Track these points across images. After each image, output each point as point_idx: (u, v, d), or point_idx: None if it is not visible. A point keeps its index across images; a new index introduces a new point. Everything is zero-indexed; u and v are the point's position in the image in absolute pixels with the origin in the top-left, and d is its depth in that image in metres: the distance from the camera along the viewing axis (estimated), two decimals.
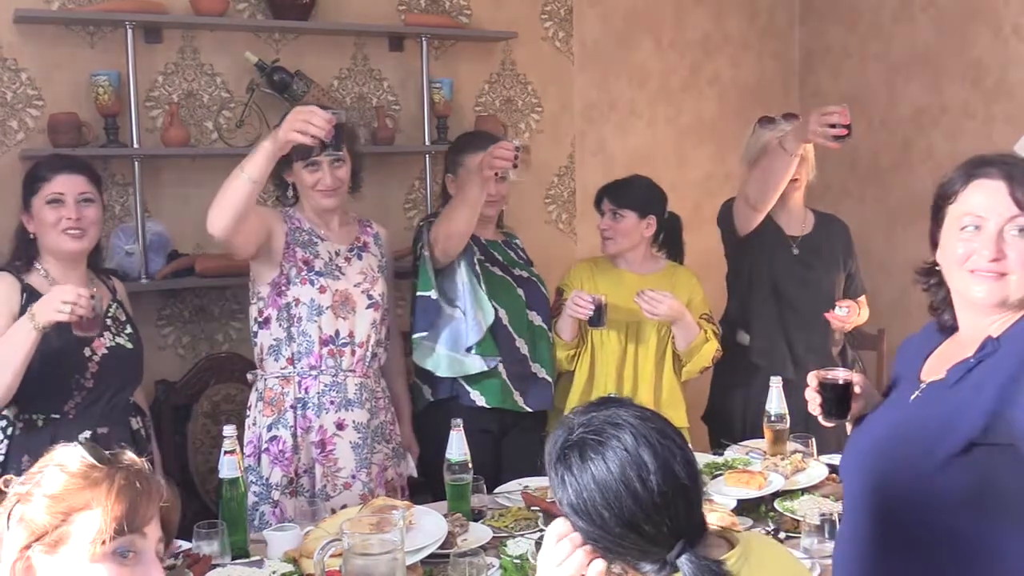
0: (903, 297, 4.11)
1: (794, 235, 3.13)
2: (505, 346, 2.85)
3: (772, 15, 4.69)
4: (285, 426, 2.59)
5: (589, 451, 1.34)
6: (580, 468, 1.33)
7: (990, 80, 3.91)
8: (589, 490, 1.32)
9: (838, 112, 2.65)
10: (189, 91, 3.44)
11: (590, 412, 1.39)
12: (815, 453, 2.66)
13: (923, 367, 1.73)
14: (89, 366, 2.40)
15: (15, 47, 3.19)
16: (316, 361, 2.60)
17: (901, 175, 4.26)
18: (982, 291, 1.60)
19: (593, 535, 1.34)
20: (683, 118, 4.50)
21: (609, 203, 3.02)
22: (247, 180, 2.36)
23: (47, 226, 2.41)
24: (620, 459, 1.32)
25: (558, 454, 1.37)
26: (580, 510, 1.33)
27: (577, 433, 1.37)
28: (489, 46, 4.00)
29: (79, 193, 2.44)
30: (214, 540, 2.11)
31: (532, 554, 2.09)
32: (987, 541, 1.58)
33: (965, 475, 1.56)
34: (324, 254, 2.65)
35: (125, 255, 3.25)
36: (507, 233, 3.12)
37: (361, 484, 2.62)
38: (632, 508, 1.31)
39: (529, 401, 2.90)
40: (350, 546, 1.76)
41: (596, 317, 2.81)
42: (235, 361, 3.38)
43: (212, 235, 2.47)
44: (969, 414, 1.55)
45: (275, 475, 2.58)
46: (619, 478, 1.31)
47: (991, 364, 1.58)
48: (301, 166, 2.62)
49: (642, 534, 1.31)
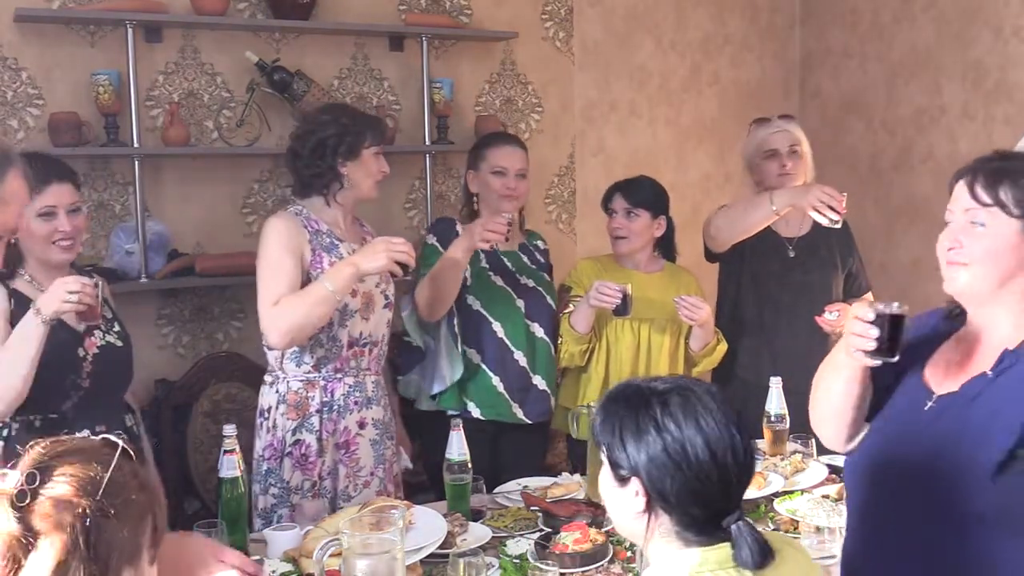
0: (903, 297, 4.09)
1: (790, 236, 3.12)
2: (502, 360, 2.87)
3: (772, 16, 4.69)
4: (310, 430, 2.57)
5: (695, 404, 1.39)
6: (684, 419, 1.38)
7: (990, 81, 3.91)
8: (691, 440, 1.37)
9: (839, 199, 2.77)
10: (189, 90, 3.44)
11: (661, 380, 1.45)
12: (815, 453, 2.66)
13: (927, 368, 1.70)
14: (84, 366, 2.39)
15: (15, 46, 3.19)
16: (342, 364, 2.60)
17: (901, 175, 4.27)
18: (947, 279, 1.65)
19: (668, 482, 1.37)
20: (683, 118, 4.50)
21: (624, 202, 3.02)
22: (335, 297, 2.43)
23: (38, 238, 2.36)
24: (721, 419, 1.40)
25: (658, 400, 1.40)
26: (675, 456, 1.36)
27: (669, 390, 1.42)
28: (489, 46, 4.00)
29: (69, 204, 2.40)
30: (214, 540, 2.11)
31: (532, 554, 2.09)
32: (1011, 560, 1.55)
33: (989, 495, 1.53)
34: (346, 256, 2.59)
35: (125, 254, 3.25)
36: (529, 234, 3.13)
37: (379, 481, 2.65)
38: (723, 467, 1.37)
39: (528, 412, 2.90)
40: (350, 546, 1.76)
41: (623, 306, 2.80)
42: (235, 361, 3.38)
43: (275, 347, 2.53)
44: (996, 432, 1.52)
45: (295, 478, 2.57)
46: (721, 436, 1.37)
47: (1010, 380, 1.56)
48: (372, 152, 2.62)
49: (713, 496, 1.38)
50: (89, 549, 1.15)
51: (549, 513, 2.29)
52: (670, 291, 2.98)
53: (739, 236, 2.97)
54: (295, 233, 2.55)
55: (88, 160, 3.28)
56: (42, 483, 1.16)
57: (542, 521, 2.30)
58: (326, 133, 2.58)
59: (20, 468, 1.18)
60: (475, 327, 2.87)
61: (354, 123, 2.61)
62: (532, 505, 2.38)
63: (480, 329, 2.87)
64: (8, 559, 1.14)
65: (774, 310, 3.08)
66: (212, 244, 3.48)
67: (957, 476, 1.55)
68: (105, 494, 1.17)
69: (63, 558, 1.14)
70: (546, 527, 2.27)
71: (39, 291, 2.35)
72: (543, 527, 2.28)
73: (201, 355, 3.45)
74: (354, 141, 2.58)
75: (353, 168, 2.61)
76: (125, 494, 1.20)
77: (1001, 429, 1.52)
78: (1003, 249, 1.58)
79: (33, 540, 1.14)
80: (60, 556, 1.14)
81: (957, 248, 1.61)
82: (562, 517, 2.24)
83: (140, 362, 3.30)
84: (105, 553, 1.17)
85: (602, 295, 2.79)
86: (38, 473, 1.17)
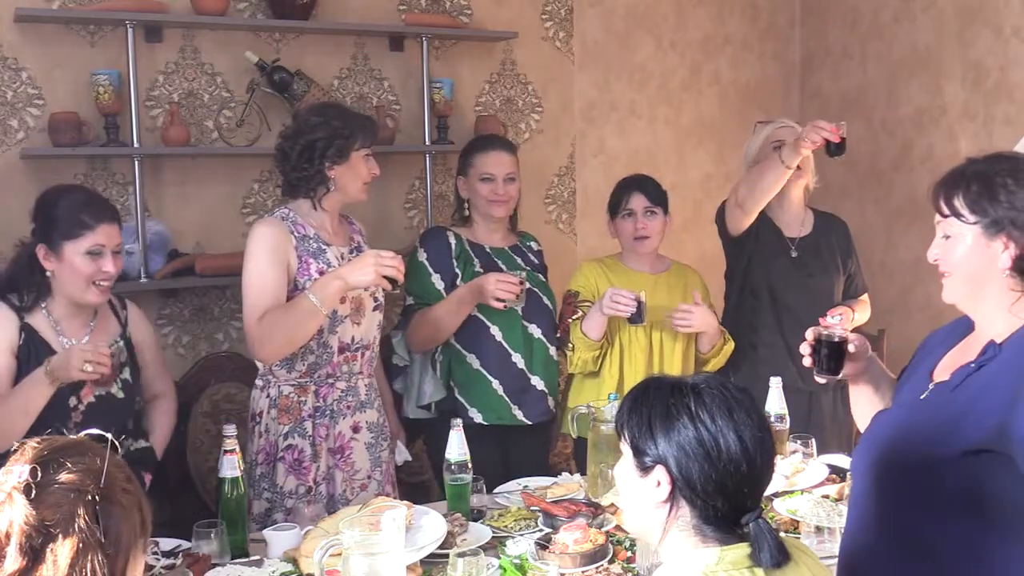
0: (903, 297, 4.11)
1: (792, 237, 3.12)
2: (499, 362, 2.86)
3: (773, 16, 4.69)
4: (303, 435, 2.55)
5: (730, 399, 1.41)
6: (718, 410, 1.39)
7: (990, 81, 3.91)
8: (723, 431, 1.37)
9: (833, 129, 2.77)
10: (189, 90, 3.44)
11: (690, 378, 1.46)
12: (815, 453, 2.66)
13: (939, 363, 1.76)
14: (72, 416, 2.32)
15: (15, 46, 3.19)
16: (333, 369, 2.59)
17: (901, 176, 4.26)
18: (943, 290, 1.74)
19: (696, 471, 1.37)
20: (683, 118, 4.50)
21: (645, 200, 2.99)
22: (322, 311, 2.42)
23: (79, 275, 2.29)
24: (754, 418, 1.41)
25: (692, 391, 1.41)
26: (707, 445, 1.37)
27: (703, 383, 1.43)
28: (489, 46, 4.00)
29: (116, 245, 2.36)
30: (213, 540, 2.11)
31: (532, 554, 2.09)
32: (986, 548, 1.59)
33: (963, 481, 1.59)
34: (334, 261, 2.57)
35: (125, 254, 3.25)
36: (523, 236, 3.12)
37: (376, 483, 2.64)
38: (752, 462, 1.38)
39: (527, 413, 2.90)
40: (350, 546, 1.76)
41: (637, 314, 2.77)
42: (235, 361, 3.38)
43: (264, 362, 2.54)
44: (968, 422, 1.58)
45: (289, 483, 2.55)
46: (753, 432, 1.39)
47: (991, 370, 1.61)
48: (362, 155, 2.56)
49: (738, 490, 1.38)
50: (101, 534, 1.18)
51: (549, 513, 2.29)
52: (678, 289, 2.98)
53: (762, 199, 2.95)
54: (282, 240, 2.51)
55: (88, 160, 3.28)
56: (47, 475, 1.18)
57: (542, 521, 2.30)
58: (315, 136, 2.53)
59: (21, 464, 1.20)
60: (474, 332, 2.86)
61: (344, 125, 2.55)
62: (532, 505, 2.38)
63: (479, 334, 2.86)
64: (26, 550, 1.16)
65: (777, 308, 3.07)
66: (212, 244, 3.48)
67: (932, 462, 1.62)
68: (107, 481, 1.20)
69: (80, 544, 1.16)
70: (546, 527, 2.27)
71: (55, 331, 2.32)
72: (543, 527, 2.28)
73: (201, 355, 3.45)
74: (344, 144, 2.53)
75: (342, 171, 2.56)
76: (121, 483, 1.23)
77: (972, 421, 1.58)
78: (968, 255, 1.66)
79: (48, 530, 1.16)
80: (77, 542, 1.16)
81: (938, 261, 1.72)
82: (562, 517, 2.24)
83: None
84: (115, 537, 1.20)
85: (616, 304, 2.75)
86: (41, 466, 1.19)
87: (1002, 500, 1.58)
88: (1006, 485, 1.56)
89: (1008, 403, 1.54)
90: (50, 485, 1.18)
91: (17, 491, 1.17)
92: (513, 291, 2.70)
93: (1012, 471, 1.54)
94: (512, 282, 2.71)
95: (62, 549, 1.16)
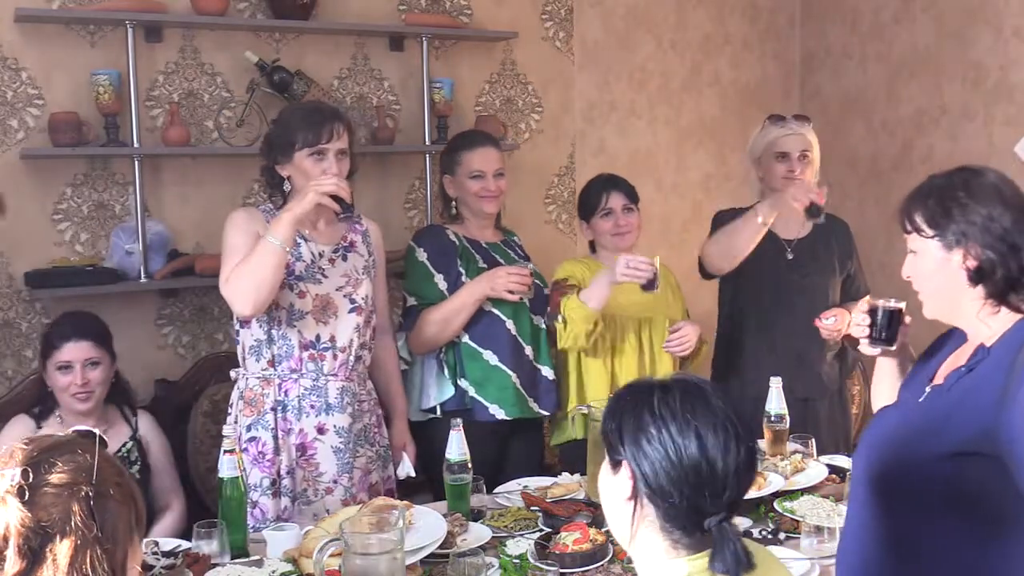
0: (903, 297, 4.11)
1: (789, 239, 3.09)
2: (516, 356, 2.85)
3: (773, 16, 4.69)
4: (266, 427, 2.54)
5: (695, 398, 1.38)
6: (680, 408, 1.36)
7: (990, 81, 3.91)
8: (684, 433, 1.35)
9: (818, 192, 2.80)
10: (189, 90, 3.44)
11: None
12: (815, 453, 2.66)
13: (940, 367, 1.77)
14: None
15: (15, 46, 3.19)
16: (297, 364, 2.55)
17: (901, 176, 4.26)
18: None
19: (649, 467, 1.35)
20: (683, 118, 4.50)
21: (624, 198, 3.02)
22: (280, 247, 2.39)
23: (59, 388, 2.66)
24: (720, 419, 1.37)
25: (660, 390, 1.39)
26: (665, 443, 1.35)
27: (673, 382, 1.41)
28: (489, 46, 4.00)
29: (86, 359, 2.65)
30: (213, 539, 2.11)
31: (532, 554, 2.09)
32: (978, 549, 1.61)
33: (954, 483, 1.60)
34: (306, 256, 2.55)
35: (125, 255, 3.26)
36: (506, 232, 3.12)
37: (343, 489, 2.56)
38: (711, 462, 1.34)
39: (542, 404, 2.90)
40: (350, 546, 1.76)
41: (652, 281, 2.73)
42: (235, 361, 3.36)
43: (243, 316, 2.52)
44: (956, 423, 1.60)
45: (254, 475, 2.52)
46: (715, 432, 1.35)
47: (980, 373, 1.63)
48: (305, 155, 2.51)
49: (695, 488, 1.34)
50: (98, 529, 1.19)
51: (549, 513, 2.29)
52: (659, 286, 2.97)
53: (736, 258, 2.95)
54: (253, 222, 2.56)
55: (88, 160, 3.28)
56: (39, 476, 1.19)
57: (542, 521, 2.30)
58: (269, 135, 2.62)
59: (12, 466, 1.20)
60: (488, 327, 2.83)
61: (291, 122, 2.55)
62: (532, 505, 2.38)
63: (494, 328, 2.83)
64: (25, 552, 1.16)
65: (773, 311, 3.07)
66: (212, 244, 3.47)
67: (924, 464, 1.63)
68: (98, 477, 1.21)
69: (78, 542, 1.17)
70: (546, 527, 2.27)
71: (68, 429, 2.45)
72: (543, 527, 2.28)
73: (201, 355, 3.45)
74: (284, 144, 2.53)
75: (292, 171, 2.56)
76: (113, 477, 1.23)
77: (960, 423, 1.60)
78: (935, 271, 1.70)
79: (45, 530, 1.17)
80: (74, 540, 1.17)
81: (910, 279, 1.76)
82: (562, 517, 2.24)
83: (140, 362, 3.33)
84: (112, 530, 1.20)
85: (635, 269, 2.69)
86: (32, 468, 1.19)
87: (993, 503, 1.59)
88: (997, 487, 1.57)
89: (995, 405, 1.56)
90: (43, 486, 1.19)
91: (10, 494, 1.17)
92: (526, 282, 2.73)
93: (1003, 474, 1.55)
94: (523, 274, 2.74)
95: (60, 548, 1.17)
